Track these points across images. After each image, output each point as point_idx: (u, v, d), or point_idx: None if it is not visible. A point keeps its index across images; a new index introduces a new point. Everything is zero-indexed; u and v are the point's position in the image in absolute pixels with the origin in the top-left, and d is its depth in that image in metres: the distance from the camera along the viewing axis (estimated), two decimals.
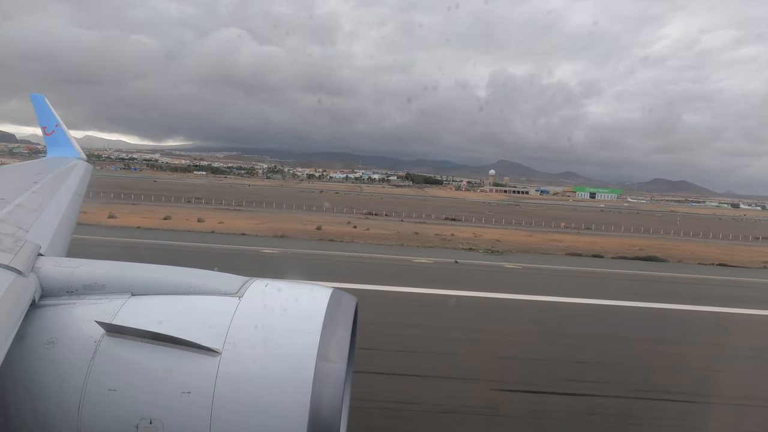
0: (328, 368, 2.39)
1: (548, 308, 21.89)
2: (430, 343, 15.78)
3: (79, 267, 2.84)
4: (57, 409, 2.39)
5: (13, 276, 2.55)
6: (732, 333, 20.00)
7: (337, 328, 2.55)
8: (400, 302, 20.75)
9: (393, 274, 28.47)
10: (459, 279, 28.42)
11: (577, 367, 14.86)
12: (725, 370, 15.28)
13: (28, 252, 2.94)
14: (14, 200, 4.43)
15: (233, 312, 2.57)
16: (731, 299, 26.88)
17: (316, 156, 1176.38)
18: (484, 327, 18.39)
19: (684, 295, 26.44)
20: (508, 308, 21.65)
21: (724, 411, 12.34)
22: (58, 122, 12.57)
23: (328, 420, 2.33)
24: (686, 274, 34.77)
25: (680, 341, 18.35)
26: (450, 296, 22.15)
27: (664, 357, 16.37)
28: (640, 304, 22.80)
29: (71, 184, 7.10)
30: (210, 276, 2.86)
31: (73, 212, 5.64)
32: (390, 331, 15.64)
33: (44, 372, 2.42)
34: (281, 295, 2.76)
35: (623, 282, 30.35)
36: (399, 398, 11.92)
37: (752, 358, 16.50)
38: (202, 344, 2.40)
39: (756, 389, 13.45)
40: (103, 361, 2.41)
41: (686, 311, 22.66)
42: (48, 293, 2.71)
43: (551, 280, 29.94)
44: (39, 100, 12.71)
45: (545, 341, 17.04)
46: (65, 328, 2.53)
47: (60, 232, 4.48)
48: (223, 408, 2.33)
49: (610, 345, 17.29)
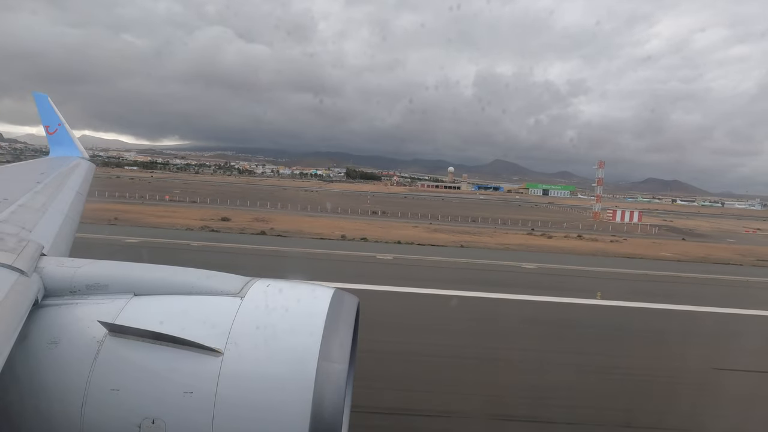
0: (330, 368, 2.38)
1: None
2: None
3: (82, 267, 2.82)
4: (60, 408, 2.37)
5: (17, 276, 2.53)
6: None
7: (339, 328, 2.54)
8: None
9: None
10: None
11: None
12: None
13: (31, 252, 2.92)
14: (18, 200, 4.40)
15: (235, 312, 2.56)
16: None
17: (311, 156, 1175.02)
18: None
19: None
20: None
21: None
22: (61, 121, 12.45)
23: (330, 420, 2.31)
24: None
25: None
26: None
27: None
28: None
29: (74, 184, 7.06)
30: (212, 276, 2.84)
31: (76, 212, 5.61)
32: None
33: (47, 371, 2.40)
34: (283, 295, 2.75)
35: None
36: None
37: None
38: (204, 344, 2.38)
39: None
40: (106, 360, 2.40)
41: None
42: (51, 293, 2.69)
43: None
44: (42, 99, 12.60)
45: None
46: (68, 327, 2.51)
47: (63, 232, 4.45)
48: (225, 408, 2.31)
49: None
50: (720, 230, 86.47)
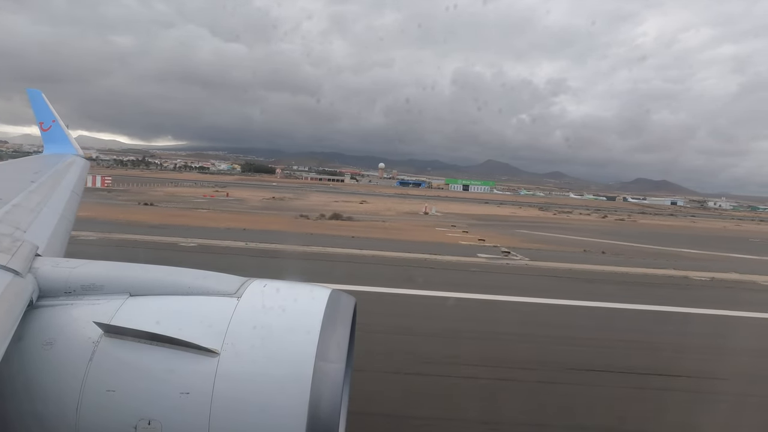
0: (327, 368, 2.35)
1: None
2: None
3: (77, 267, 2.77)
4: (55, 409, 2.32)
5: (11, 276, 2.48)
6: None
7: (336, 328, 2.51)
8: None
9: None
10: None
11: None
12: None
13: (25, 252, 2.87)
14: (12, 200, 4.33)
15: (232, 312, 2.52)
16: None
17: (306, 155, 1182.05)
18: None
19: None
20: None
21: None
22: (55, 118, 12.29)
23: (327, 420, 2.28)
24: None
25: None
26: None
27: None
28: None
29: (69, 183, 6.99)
30: (208, 276, 2.80)
31: (71, 211, 5.55)
32: None
33: (42, 373, 2.35)
34: (280, 295, 2.71)
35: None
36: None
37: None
38: (200, 345, 2.34)
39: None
40: (102, 361, 2.35)
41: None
42: (46, 294, 2.64)
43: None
44: (36, 96, 12.44)
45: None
46: (63, 328, 2.46)
47: (58, 232, 4.40)
48: (221, 408, 2.28)
49: None
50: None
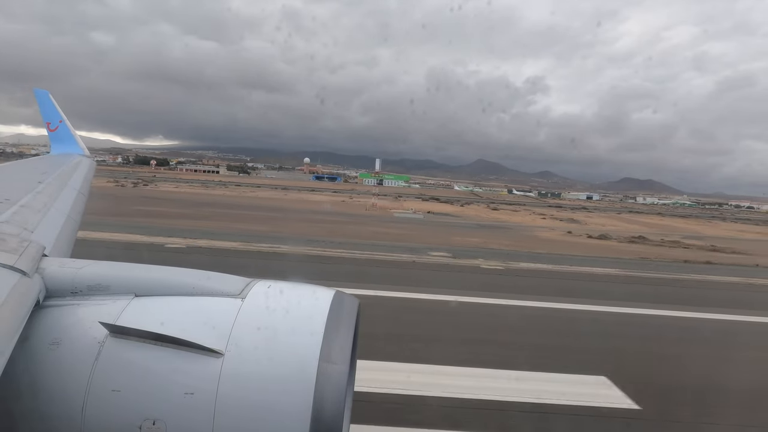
0: (331, 369, 2.34)
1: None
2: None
3: (83, 268, 2.75)
4: (61, 409, 2.31)
5: (18, 276, 2.47)
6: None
7: (340, 330, 2.50)
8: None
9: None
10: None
11: None
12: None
13: (32, 253, 2.85)
14: (19, 200, 4.33)
15: (236, 313, 2.51)
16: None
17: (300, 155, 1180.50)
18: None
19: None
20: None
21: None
22: (62, 118, 12.24)
23: (331, 421, 2.28)
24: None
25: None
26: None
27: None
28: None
29: (75, 183, 6.97)
30: (212, 277, 2.79)
31: (77, 212, 5.53)
32: None
33: (48, 372, 2.34)
34: (283, 296, 2.70)
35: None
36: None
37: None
38: (205, 345, 2.33)
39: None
40: (107, 361, 2.34)
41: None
42: (52, 294, 2.62)
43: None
44: (43, 96, 12.39)
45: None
46: (69, 328, 2.45)
47: (64, 233, 4.38)
48: (225, 409, 2.27)
49: None
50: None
